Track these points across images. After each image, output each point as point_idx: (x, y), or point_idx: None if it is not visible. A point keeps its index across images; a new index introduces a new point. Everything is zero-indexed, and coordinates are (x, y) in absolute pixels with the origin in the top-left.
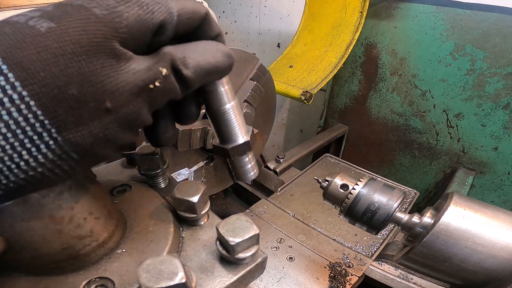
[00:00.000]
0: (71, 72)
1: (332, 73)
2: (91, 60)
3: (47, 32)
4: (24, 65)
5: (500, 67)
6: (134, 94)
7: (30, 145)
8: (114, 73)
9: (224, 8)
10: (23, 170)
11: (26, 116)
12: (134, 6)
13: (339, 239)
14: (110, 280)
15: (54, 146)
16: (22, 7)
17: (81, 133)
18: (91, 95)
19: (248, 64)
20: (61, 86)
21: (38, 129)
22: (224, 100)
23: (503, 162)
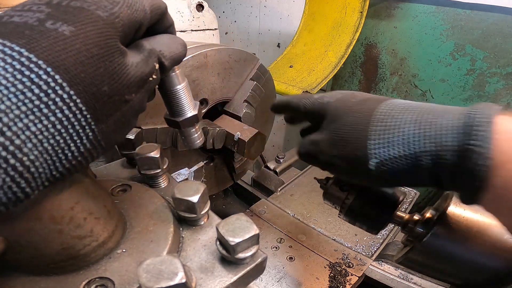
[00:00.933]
0: (101, 72)
1: (332, 73)
2: (110, 59)
3: (72, 36)
4: (66, 67)
5: (500, 67)
6: (140, 86)
7: (77, 137)
8: (125, 69)
9: (224, 8)
10: (69, 160)
11: (75, 112)
12: (124, 7)
13: (339, 239)
14: (110, 280)
15: (92, 137)
16: None
17: (109, 123)
18: (116, 90)
19: (248, 64)
20: (97, 85)
21: (83, 123)
22: (176, 82)
23: None
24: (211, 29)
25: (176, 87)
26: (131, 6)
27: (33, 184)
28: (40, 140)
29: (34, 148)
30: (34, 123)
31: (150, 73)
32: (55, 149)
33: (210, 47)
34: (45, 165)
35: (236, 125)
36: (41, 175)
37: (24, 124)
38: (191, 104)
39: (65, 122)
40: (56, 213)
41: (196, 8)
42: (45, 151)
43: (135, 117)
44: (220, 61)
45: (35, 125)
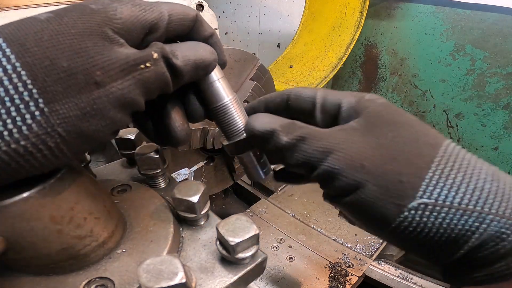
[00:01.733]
0: (62, 47)
1: (332, 73)
2: (83, 39)
3: (45, 19)
4: (21, 42)
5: (500, 67)
6: (124, 71)
7: (16, 113)
8: (105, 51)
9: (224, 8)
10: (6, 140)
11: (15, 85)
12: (128, 4)
13: (339, 239)
14: (110, 280)
15: (40, 117)
16: (22, 7)
17: (68, 105)
18: (81, 67)
19: (248, 64)
20: (52, 59)
21: (26, 98)
22: (221, 95)
23: (503, 162)
24: None
25: (221, 102)
26: (138, 5)
27: None
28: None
29: None
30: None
31: (140, 58)
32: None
33: None
34: None
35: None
36: None
37: None
38: (245, 122)
39: (2, 94)
40: (56, 213)
41: (196, 8)
42: None
43: (116, 108)
44: None
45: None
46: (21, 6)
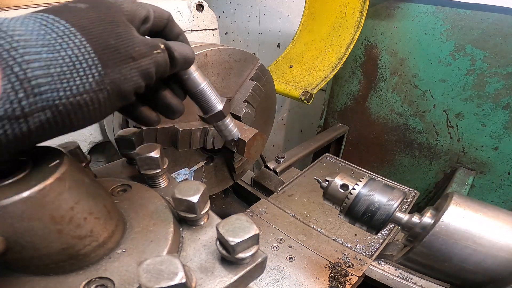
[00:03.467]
0: (109, 30)
1: (332, 73)
2: (118, 25)
3: (86, 8)
4: (81, 25)
5: (500, 67)
6: (147, 53)
7: (82, 73)
8: (132, 35)
9: (224, 8)
10: (73, 93)
11: (83, 53)
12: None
13: (339, 239)
14: (110, 280)
15: (98, 77)
16: (22, 7)
17: (115, 71)
18: (122, 46)
19: (248, 64)
20: (104, 38)
21: (90, 63)
22: (198, 82)
23: (503, 162)
24: (211, 29)
25: (199, 87)
26: (134, 3)
27: (33, 107)
28: (48, 65)
29: (42, 72)
30: (47, 53)
31: (154, 46)
32: (60, 77)
33: (210, 47)
34: (48, 90)
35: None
36: (43, 98)
37: (37, 51)
38: (217, 100)
39: (73, 58)
40: (56, 213)
41: (196, 8)
42: (50, 76)
43: (141, 77)
44: (220, 61)
45: (47, 54)
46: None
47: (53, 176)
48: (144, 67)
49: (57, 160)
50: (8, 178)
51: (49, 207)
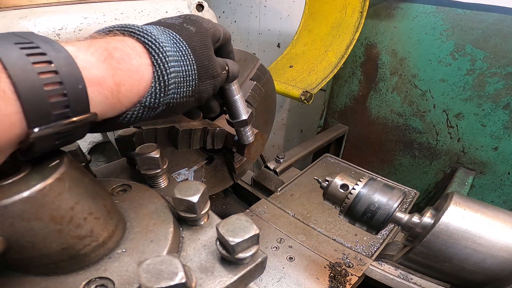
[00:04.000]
0: (206, 54)
1: (332, 73)
2: (209, 49)
3: (195, 31)
4: (192, 45)
5: (500, 67)
6: (219, 73)
7: (188, 83)
8: (213, 57)
9: (224, 8)
10: (180, 96)
11: (191, 70)
12: (212, 25)
13: (339, 239)
14: (110, 280)
15: (194, 87)
16: (22, 7)
17: (203, 84)
18: (210, 66)
19: (248, 64)
20: (202, 59)
21: (193, 77)
22: (234, 93)
23: (503, 162)
24: None
25: (234, 97)
26: (216, 26)
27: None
28: (176, 76)
29: (173, 80)
30: (177, 66)
31: (223, 68)
32: (178, 84)
33: None
34: (171, 93)
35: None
36: (167, 98)
37: (174, 65)
38: (244, 110)
39: (187, 72)
40: (56, 213)
41: (196, 8)
42: (175, 84)
43: (212, 90)
44: None
45: (178, 68)
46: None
47: (53, 176)
48: (216, 83)
49: (57, 160)
50: (8, 178)
51: (49, 207)
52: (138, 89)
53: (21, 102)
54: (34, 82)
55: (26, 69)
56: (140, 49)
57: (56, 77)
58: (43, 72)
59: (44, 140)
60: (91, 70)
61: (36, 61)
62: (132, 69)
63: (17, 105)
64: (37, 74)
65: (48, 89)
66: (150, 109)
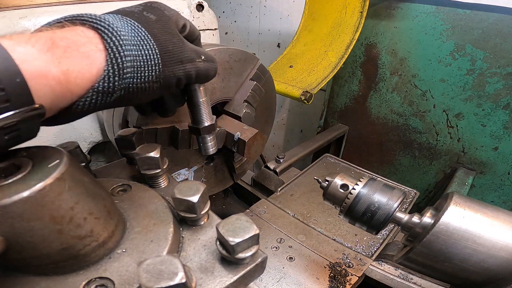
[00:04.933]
0: (169, 39)
1: (332, 73)
2: (173, 35)
3: (156, 19)
4: (153, 32)
5: (500, 67)
6: (192, 59)
7: (151, 68)
8: (183, 43)
9: (224, 8)
10: (141, 81)
11: (153, 54)
12: (174, 13)
13: (339, 239)
14: (110, 280)
15: (158, 72)
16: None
17: (169, 69)
18: (177, 51)
19: (248, 64)
20: (166, 45)
21: (156, 61)
22: (200, 96)
23: (503, 162)
24: (211, 29)
25: (200, 100)
26: (178, 15)
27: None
28: (134, 60)
29: (130, 64)
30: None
31: (198, 55)
32: (138, 69)
33: (210, 47)
34: (129, 77)
35: (236, 125)
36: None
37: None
38: (209, 116)
39: (148, 56)
40: (56, 213)
41: (196, 8)
42: (133, 67)
43: (184, 76)
44: (220, 61)
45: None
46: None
47: (53, 176)
48: (188, 68)
49: (57, 160)
50: (8, 178)
51: (49, 207)
52: (90, 74)
53: None
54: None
55: None
56: (92, 35)
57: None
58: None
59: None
60: (32, 62)
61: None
62: (81, 56)
63: None
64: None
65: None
66: (104, 94)
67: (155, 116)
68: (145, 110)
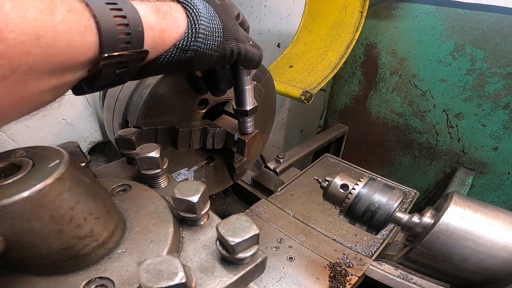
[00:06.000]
0: (229, 21)
1: (332, 73)
2: (232, 18)
3: (220, 4)
4: (218, 12)
5: (500, 67)
6: (244, 40)
7: (215, 39)
8: (238, 27)
9: None
10: (207, 48)
11: (218, 29)
12: (230, 3)
13: (339, 239)
14: (110, 280)
15: (219, 43)
16: None
17: (227, 43)
18: (233, 30)
19: None
20: (226, 24)
21: (219, 34)
22: (246, 83)
23: (503, 162)
24: None
25: (246, 86)
26: (234, 6)
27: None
28: (205, 29)
29: (202, 31)
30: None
31: (249, 39)
32: (206, 37)
33: None
34: (200, 41)
35: (236, 125)
36: (196, 45)
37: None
38: (250, 102)
39: (214, 29)
40: (56, 213)
41: None
42: (203, 35)
43: (236, 52)
44: None
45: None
46: None
47: (53, 176)
48: (240, 46)
49: (57, 160)
50: (8, 178)
51: (49, 207)
52: (176, 34)
53: (100, 35)
54: (110, 21)
55: (105, 12)
56: (180, 8)
57: (125, 20)
58: (117, 16)
59: (109, 67)
60: (147, 18)
61: (112, 8)
62: (173, 19)
63: (96, 36)
64: (113, 17)
65: (119, 28)
66: (181, 50)
67: (156, 115)
68: (202, 88)
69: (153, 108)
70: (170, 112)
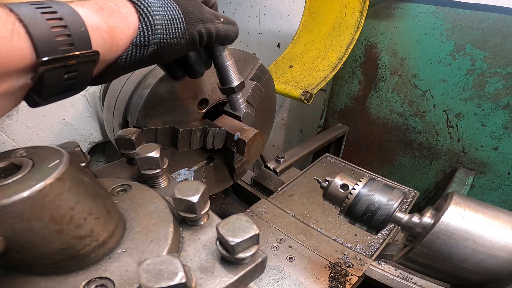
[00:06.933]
0: (187, 2)
1: (332, 73)
2: (192, 0)
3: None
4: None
5: (500, 67)
6: (212, 20)
7: (176, 26)
8: (202, 7)
9: (224, 8)
10: (170, 37)
11: (176, 14)
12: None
13: (339, 239)
14: (110, 280)
15: (183, 29)
16: None
17: (192, 27)
18: (196, 12)
19: (248, 64)
20: (187, 7)
21: (180, 20)
22: (225, 60)
23: (503, 162)
24: None
25: (226, 63)
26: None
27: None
28: (161, 19)
29: (159, 22)
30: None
31: (217, 17)
32: (165, 26)
33: None
34: (159, 33)
35: (236, 125)
36: (156, 37)
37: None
38: (236, 76)
39: (172, 16)
40: (56, 213)
41: None
42: (161, 25)
43: (206, 34)
44: None
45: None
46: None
47: (53, 176)
48: (208, 28)
49: (57, 160)
50: (8, 178)
51: (49, 207)
52: (129, 31)
53: (32, 39)
54: (42, 25)
55: (36, 16)
56: (127, 3)
57: (61, 21)
58: (50, 19)
59: (53, 73)
60: (90, 17)
61: (44, 11)
62: (121, 16)
63: (28, 41)
64: (45, 20)
65: (54, 31)
66: (141, 47)
67: (156, 115)
68: (177, 74)
69: (153, 108)
70: (170, 112)
